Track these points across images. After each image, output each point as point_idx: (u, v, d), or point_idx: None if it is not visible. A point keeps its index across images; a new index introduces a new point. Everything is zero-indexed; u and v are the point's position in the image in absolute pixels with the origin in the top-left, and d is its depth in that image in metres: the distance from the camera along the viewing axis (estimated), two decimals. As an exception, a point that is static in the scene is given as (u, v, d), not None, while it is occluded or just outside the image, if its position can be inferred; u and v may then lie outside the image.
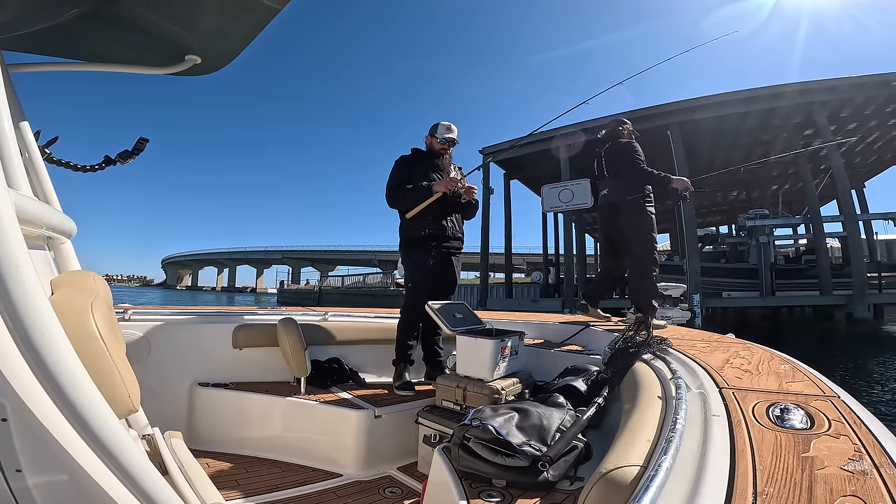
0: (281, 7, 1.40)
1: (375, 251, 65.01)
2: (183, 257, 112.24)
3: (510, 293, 20.62)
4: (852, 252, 14.43)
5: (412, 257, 2.71)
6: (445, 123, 2.83)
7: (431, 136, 2.83)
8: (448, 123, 2.83)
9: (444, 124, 2.82)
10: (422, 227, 2.68)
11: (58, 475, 0.76)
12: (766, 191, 22.34)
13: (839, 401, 1.07)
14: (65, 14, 1.38)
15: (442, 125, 2.82)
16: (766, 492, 0.68)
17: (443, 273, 2.72)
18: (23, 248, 0.71)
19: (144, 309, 2.54)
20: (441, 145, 2.81)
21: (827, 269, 14.64)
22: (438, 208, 2.68)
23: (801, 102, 14.20)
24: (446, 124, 2.82)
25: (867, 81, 13.90)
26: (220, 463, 2.19)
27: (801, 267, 16.65)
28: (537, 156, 17.63)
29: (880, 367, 9.60)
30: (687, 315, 3.26)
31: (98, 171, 1.87)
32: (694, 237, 15.40)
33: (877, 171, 20.93)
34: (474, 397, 2.00)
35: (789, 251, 20.08)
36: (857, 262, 13.98)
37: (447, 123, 2.83)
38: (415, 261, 2.70)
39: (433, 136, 2.82)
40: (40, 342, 0.68)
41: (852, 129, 16.43)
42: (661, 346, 1.87)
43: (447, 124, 2.82)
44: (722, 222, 28.56)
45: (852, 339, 13.39)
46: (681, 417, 0.95)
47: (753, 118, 15.08)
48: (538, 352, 2.70)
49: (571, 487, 1.33)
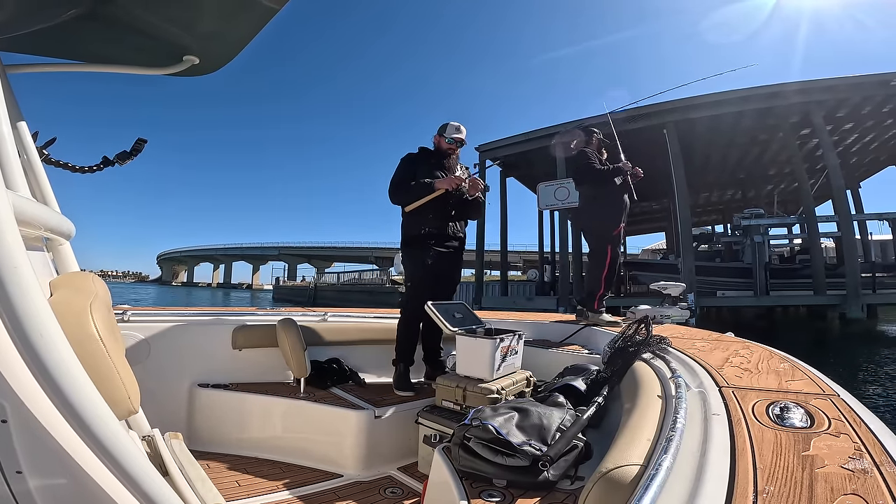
0: (279, 7, 1.40)
1: (372, 248, 64.88)
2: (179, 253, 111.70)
3: (505, 291, 20.58)
4: (846, 252, 14.44)
5: (411, 256, 2.70)
6: (454, 124, 2.80)
7: (439, 136, 2.82)
8: (457, 124, 2.81)
9: (453, 124, 2.80)
10: (422, 226, 2.67)
11: (58, 477, 0.76)
12: (762, 190, 22.39)
13: (839, 399, 1.08)
14: (62, 15, 1.38)
15: (451, 125, 2.80)
16: (767, 490, 0.68)
17: (442, 272, 2.72)
18: (21, 250, 0.70)
19: (144, 310, 2.54)
20: (448, 145, 2.79)
21: (821, 268, 14.67)
22: (440, 207, 2.67)
23: (798, 102, 14.20)
24: (455, 124, 2.80)
25: (865, 81, 13.89)
26: (221, 464, 2.18)
27: (796, 266, 16.70)
28: (533, 154, 17.65)
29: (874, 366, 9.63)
30: (686, 314, 3.26)
31: (96, 172, 1.87)
32: (689, 236, 15.42)
33: (873, 172, 20.97)
34: (474, 397, 2.00)
35: (784, 251, 20.12)
36: (852, 263, 13.99)
37: (456, 124, 2.81)
38: (414, 259, 2.69)
39: (441, 135, 2.81)
40: (40, 344, 0.68)
41: (849, 129, 16.45)
42: (661, 345, 1.87)
43: (456, 125, 2.80)
44: (718, 221, 28.63)
45: (845, 339, 13.41)
46: (681, 416, 0.95)
47: (750, 117, 15.07)
48: (538, 351, 2.70)
49: (572, 487, 1.33)
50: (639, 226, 32.09)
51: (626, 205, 3.51)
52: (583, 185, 3.62)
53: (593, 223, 3.57)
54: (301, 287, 43.60)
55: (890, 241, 18.60)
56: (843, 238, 14.55)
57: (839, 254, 17.08)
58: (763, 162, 19.63)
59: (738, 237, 17.58)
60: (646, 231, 36.51)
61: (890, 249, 18.87)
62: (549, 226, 22.48)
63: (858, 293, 13.68)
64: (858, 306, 13.68)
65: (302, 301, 36.72)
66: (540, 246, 22.99)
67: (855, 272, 13.79)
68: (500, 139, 18.88)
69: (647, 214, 27.97)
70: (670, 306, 3.34)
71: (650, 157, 11.88)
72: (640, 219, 28.93)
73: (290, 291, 42.58)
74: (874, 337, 14.52)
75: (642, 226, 32.55)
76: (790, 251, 19.78)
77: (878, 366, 9.65)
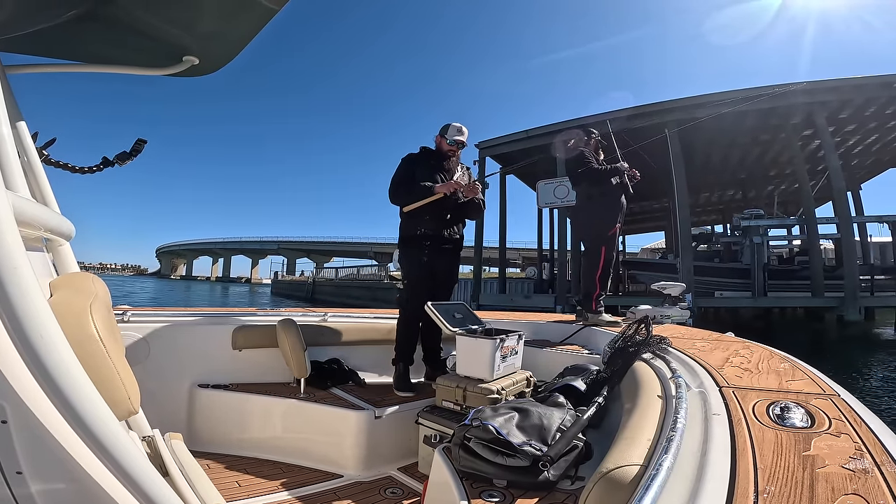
0: (279, 7, 1.40)
1: (372, 243, 64.74)
2: (178, 247, 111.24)
3: (504, 288, 20.54)
4: (846, 255, 14.40)
5: (408, 255, 2.71)
6: (456, 125, 2.78)
7: (441, 137, 2.80)
8: (459, 125, 2.78)
9: (455, 126, 2.78)
10: (418, 226, 2.68)
11: (58, 477, 0.75)
12: (763, 191, 22.37)
13: (839, 399, 1.07)
14: (62, 15, 1.38)
15: (453, 126, 2.78)
16: (768, 490, 0.68)
17: (439, 271, 2.72)
18: (21, 251, 0.70)
19: (144, 310, 2.54)
20: (449, 146, 2.78)
21: (820, 270, 14.65)
22: (437, 208, 2.68)
23: (801, 102, 14.16)
24: (457, 126, 2.78)
25: (869, 83, 13.84)
26: (221, 464, 2.18)
27: (794, 268, 16.67)
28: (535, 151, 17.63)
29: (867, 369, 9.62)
30: (687, 314, 3.27)
31: (96, 172, 1.87)
32: (688, 235, 15.40)
33: (874, 173, 20.94)
34: (474, 397, 2.00)
35: (783, 252, 20.10)
36: (850, 265, 13.96)
37: (458, 125, 2.78)
38: (410, 259, 2.70)
39: (443, 136, 2.79)
40: (39, 344, 0.68)
41: (851, 131, 16.42)
42: (661, 345, 1.87)
43: (458, 126, 2.78)
44: (717, 221, 28.64)
45: (842, 341, 13.37)
46: (681, 416, 0.95)
47: (752, 117, 15.05)
48: (538, 351, 2.70)
49: (572, 487, 1.33)
50: (638, 224, 32.10)
51: (623, 206, 3.53)
52: (579, 185, 3.62)
53: (589, 223, 3.58)
54: (299, 282, 43.54)
55: (889, 244, 18.60)
56: (843, 240, 14.52)
57: (838, 255, 17.06)
58: (764, 162, 19.61)
59: (737, 238, 17.57)
60: (645, 230, 36.56)
61: (889, 252, 18.84)
62: (549, 223, 22.51)
63: (856, 296, 13.66)
64: (856, 309, 13.65)
65: (300, 295, 36.62)
66: (539, 243, 22.97)
67: (853, 275, 13.77)
68: (501, 136, 18.84)
69: (647, 213, 27.97)
70: (670, 306, 3.35)
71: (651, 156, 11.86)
72: (639, 217, 28.93)
73: (289, 286, 42.50)
74: (871, 340, 14.53)
75: (642, 224, 32.57)
76: (789, 252, 19.77)
77: (875, 369, 9.65)
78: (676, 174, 14.97)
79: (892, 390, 8.12)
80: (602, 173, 3.46)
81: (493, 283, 21.36)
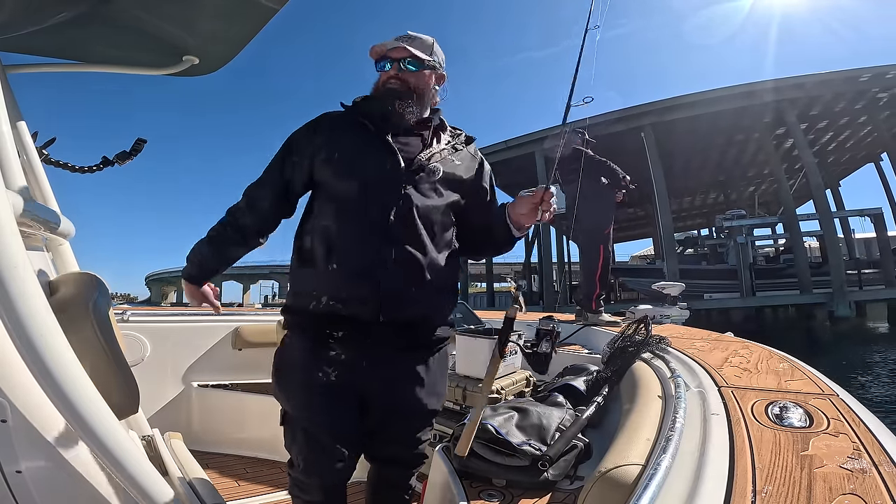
0: (279, 7, 1.40)
1: (363, 265, 65.11)
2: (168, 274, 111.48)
3: (492, 301, 20.60)
4: (829, 249, 14.45)
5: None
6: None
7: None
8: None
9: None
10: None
11: (58, 477, 0.76)
12: (744, 192, 22.49)
13: (838, 399, 1.08)
14: (62, 16, 1.38)
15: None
16: (766, 490, 0.68)
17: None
18: (21, 250, 0.70)
19: (144, 310, 2.54)
20: None
21: (805, 267, 14.68)
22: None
23: (771, 101, 14.16)
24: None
25: (833, 78, 13.87)
26: (221, 464, 2.18)
27: (780, 266, 16.68)
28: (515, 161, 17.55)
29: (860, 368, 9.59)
30: (686, 314, 3.27)
31: (96, 171, 1.87)
32: (671, 239, 15.44)
33: (851, 169, 21.00)
34: (474, 397, 2.00)
35: (770, 252, 20.10)
36: (835, 259, 14.01)
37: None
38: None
39: None
40: (39, 344, 0.68)
41: (823, 128, 16.45)
42: (661, 344, 1.87)
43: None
44: (703, 225, 28.74)
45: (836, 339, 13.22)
46: (680, 416, 0.95)
47: (725, 118, 15.06)
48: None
49: (571, 486, 1.33)
50: (626, 232, 32.12)
51: (614, 206, 3.59)
52: (573, 184, 3.56)
53: (586, 221, 3.59)
54: (290, 306, 44.12)
55: (874, 239, 18.60)
56: (825, 236, 14.58)
57: (823, 252, 17.12)
58: (742, 163, 19.67)
59: (722, 239, 17.62)
60: (633, 238, 36.47)
61: (874, 246, 18.87)
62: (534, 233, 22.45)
63: (844, 290, 13.69)
64: (846, 304, 13.69)
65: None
66: (527, 255, 23.04)
67: (839, 269, 13.81)
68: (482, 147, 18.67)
69: (634, 221, 28.00)
70: (670, 306, 3.35)
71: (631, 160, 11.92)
72: (625, 225, 28.92)
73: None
74: (863, 335, 14.40)
75: (630, 232, 32.60)
76: (776, 252, 19.81)
77: (870, 366, 9.62)
78: (655, 176, 14.97)
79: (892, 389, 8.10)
80: (602, 164, 3.50)
81: (483, 298, 21.39)
